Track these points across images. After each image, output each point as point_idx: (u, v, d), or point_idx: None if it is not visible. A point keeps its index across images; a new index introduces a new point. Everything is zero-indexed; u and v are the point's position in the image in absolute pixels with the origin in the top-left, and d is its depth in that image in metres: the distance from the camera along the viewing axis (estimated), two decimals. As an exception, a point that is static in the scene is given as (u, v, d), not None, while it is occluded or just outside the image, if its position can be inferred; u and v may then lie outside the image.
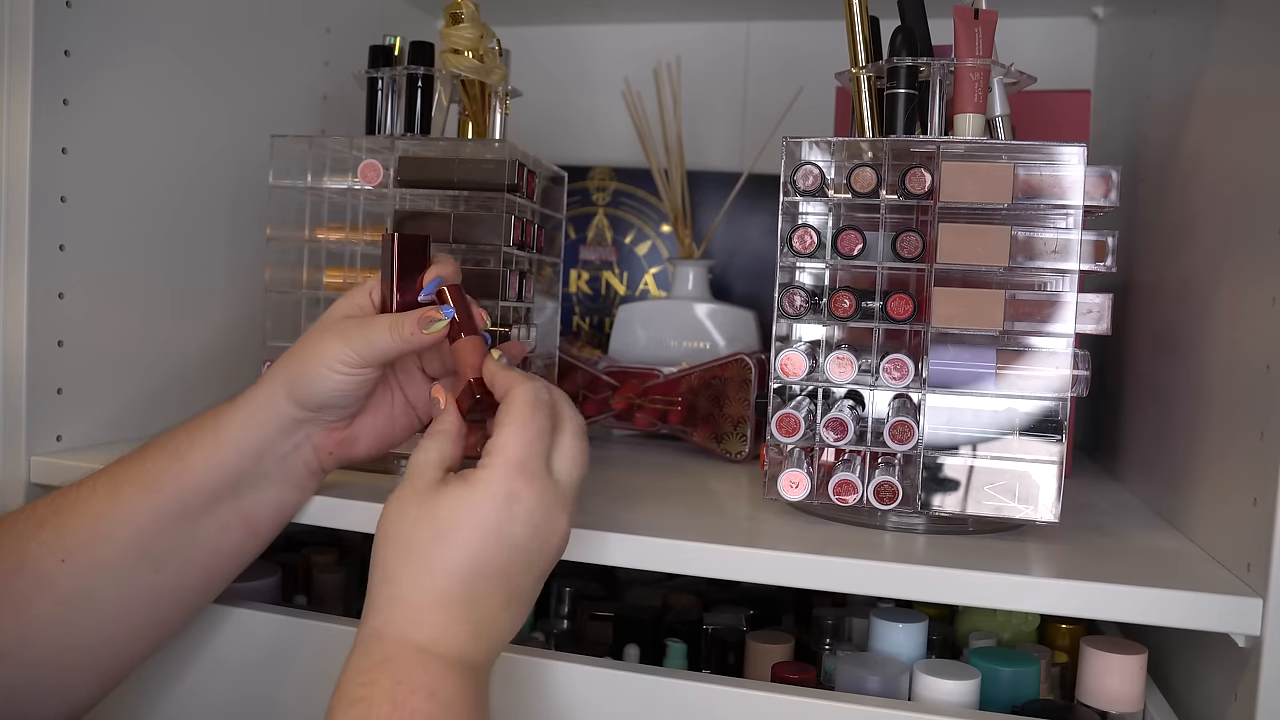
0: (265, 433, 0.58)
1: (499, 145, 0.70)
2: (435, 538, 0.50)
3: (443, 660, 0.49)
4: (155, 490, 0.57)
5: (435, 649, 0.49)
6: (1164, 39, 0.80)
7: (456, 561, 0.49)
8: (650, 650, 0.75)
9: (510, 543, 0.50)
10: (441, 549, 0.49)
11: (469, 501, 0.50)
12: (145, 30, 0.77)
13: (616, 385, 0.88)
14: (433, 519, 0.50)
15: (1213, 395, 0.62)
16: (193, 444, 0.58)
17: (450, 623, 0.49)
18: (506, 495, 0.50)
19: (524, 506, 0.50)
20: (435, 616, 0.49)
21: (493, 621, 0.51)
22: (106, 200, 0.75)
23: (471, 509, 0.50)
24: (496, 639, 0.51)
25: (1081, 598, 0.52)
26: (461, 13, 0.70)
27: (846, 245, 0.60)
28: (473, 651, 0.50)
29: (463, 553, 0.49)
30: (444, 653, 0.49)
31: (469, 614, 0.50)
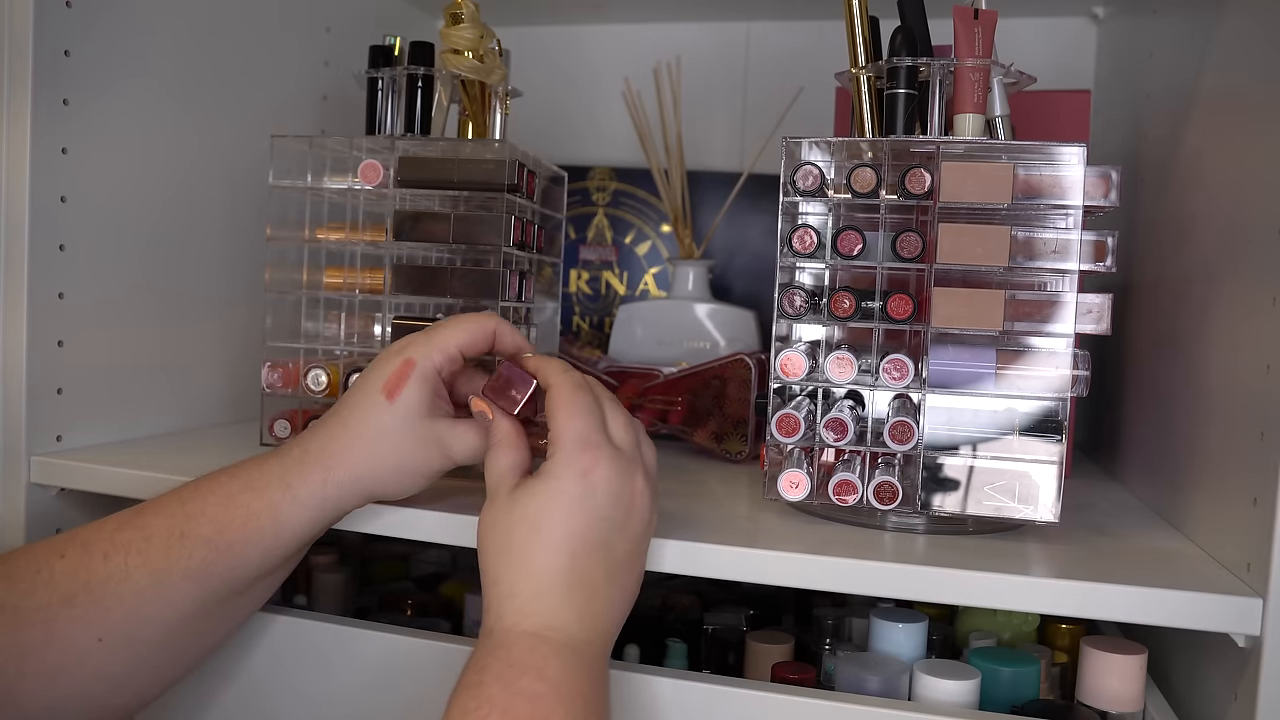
0: (325, 524, 0.57)
1: (499, 145, 0.70)
2: (531, 533, 0.51)
3: (551, 643, 0.49)
4: (205, 580, 0.55)
5: (543, 633, 0.49)
6: (1164, 39, 0.80)
7: (555, 547, 0.50)
8: (650, 650, 0.75)
9: (597, 514, 0.51)
10: (538, 540, 0.51)
11: (550, 489, 0.51)
12: (145, 30, 0.77)
13: (616, 385, 0.88)
14: (524, 518, 0.51)
15: (1213, 395, 0.62)
16: (248, 539, 0.54)
17: (557, 607, 0.50)
18: (580, 472, 0.51)
19: (599, 475, 0.51)
20: (542, 604, 0.50)
21: (596, 597, 0.51)
22: (106, 200, 0.75)
23: (555, 495, 0.51)
24: (604, 615, 0.52)
25: (1081, 598, 0.52)
26: (461, 13, 0.70)
27: (846, 245, 0.60)
28: (580, 631, 0.50)
29: (558, 536, 0.51)
30: (552, 636, 0.49)
31: (573, 595, 0.50)
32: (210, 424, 0.72)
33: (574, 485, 0.51)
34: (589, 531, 0.51)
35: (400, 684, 0.62)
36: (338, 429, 0.56)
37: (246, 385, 0.72)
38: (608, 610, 0.52)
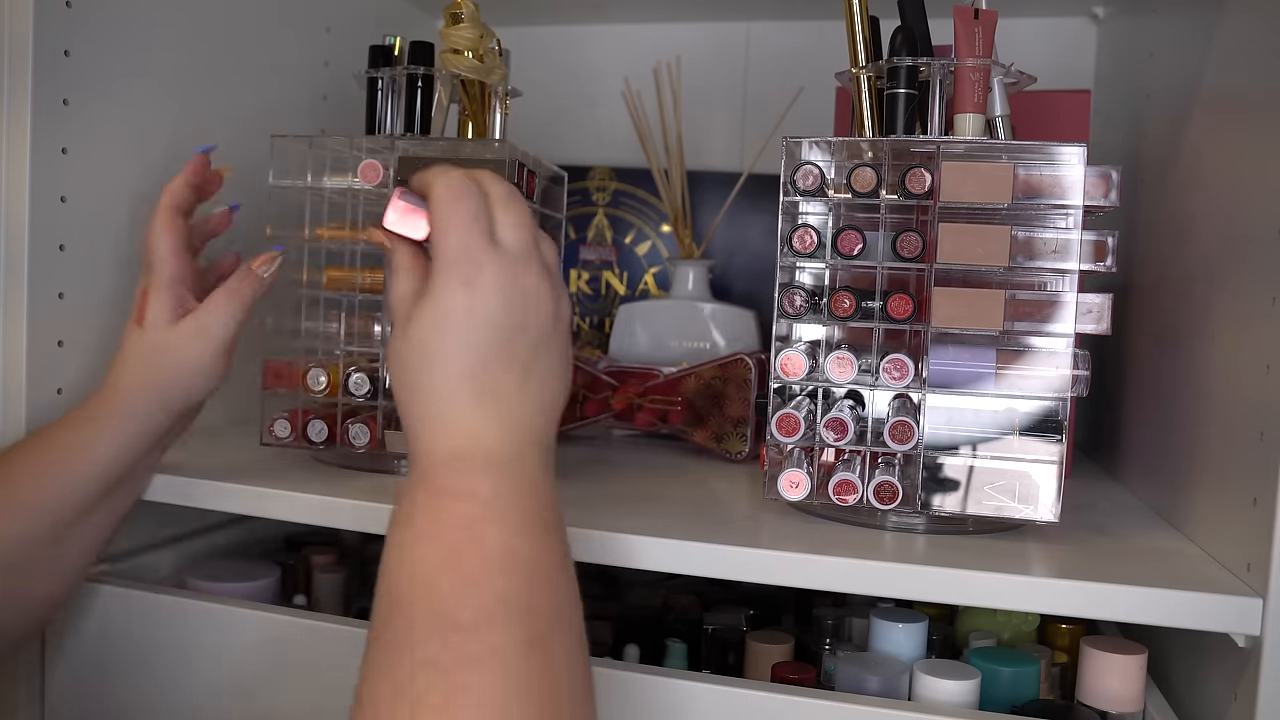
0: (142, 447, 0.64)
1: (499, 145, 0.70)
2: (424, 358, 0.48)
3: (474, 460, 0.47)
4: (25, 516, 0.60)
5: (464, 453, 0.47)
6: (1164, 39, 0.80)
7: (451, 365, 0.48)
8: (650, 650, 0.75)
9: (490, 322, 0.48)
10: (434, 363, 0.48)
11: (435, 309, 0.48)
12: (145, 30, 0.77)
13: (616, 385, 0.88)
14: (419, 343, 0.49)
15: (1213, 395, 0.62)
16: (65, 467, 0.61)
17: (470, 424, 0.48)
18: (462, 284, 0.48)
19: (484, 283, 0.48)
20: (455, 424, 0.48)
21: (511, 405, 0.48)
22: (106, 200, 0.75)
23: (440, 315, 0.48)
24: (526, 421, 0.49)
25: (1081, 598, 0.52)
26: (461, 13, 0.70)
27: (846, 245, 0.60)
28: (503, 443, 0.48)
29: (451, 354, 0.48)
30: (474, 453, 0.47)
31: (484, 408, 0.48)
32: (210, 424, 0.72)
33: (458, 299, 0.48)
34: (484, 342, 0.48)
35: (400, 684, 0.62)
36: (117, 366, 0.65)
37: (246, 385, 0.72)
38: (528, 415, 0.49)
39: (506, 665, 0.41)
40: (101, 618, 0.70)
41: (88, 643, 0.70)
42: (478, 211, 0.50)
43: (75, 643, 0.71)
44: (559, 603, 0.45)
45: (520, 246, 0.50)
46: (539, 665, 0.42)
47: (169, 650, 0.68)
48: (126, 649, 0.69)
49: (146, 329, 0.64)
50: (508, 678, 0.41)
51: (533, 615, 0.43)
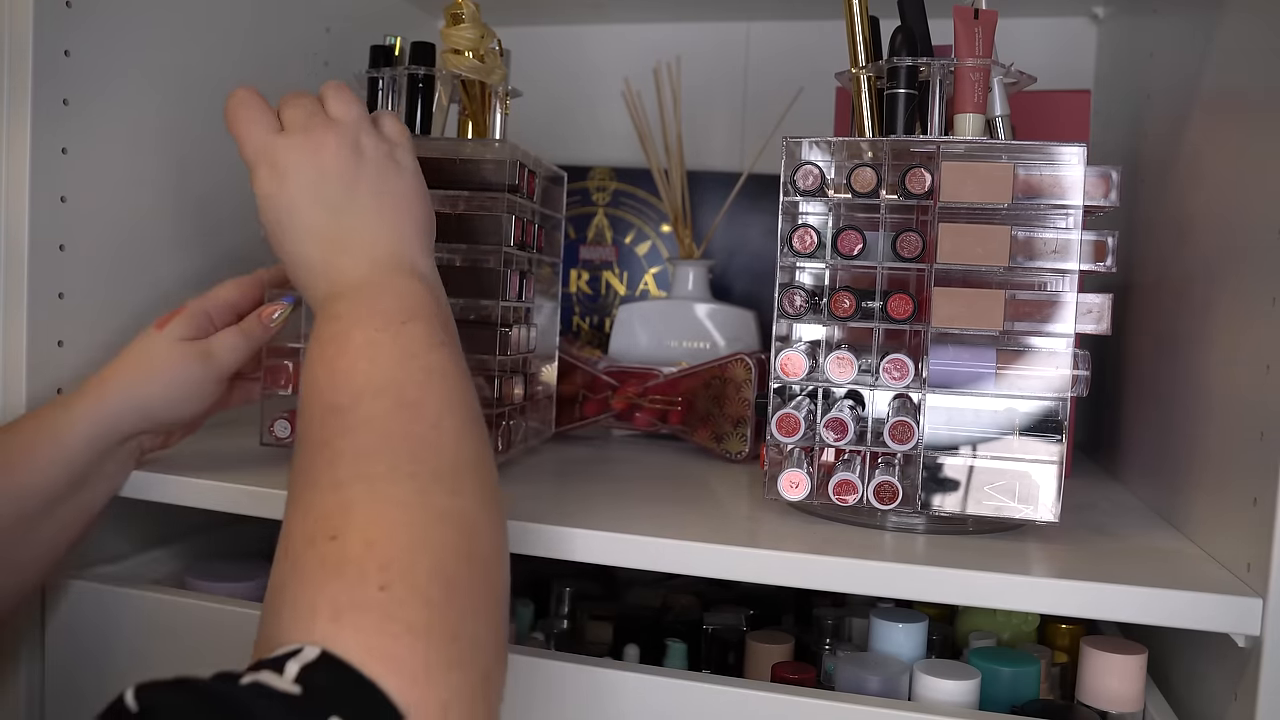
0: (112, 443, 0.64)
1: (500, 145, 0.70)
2: (279, 236, 0.57)
3: (342, 294, 0.53)
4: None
5: (335, 292, 0.54)
6: (1164, 39, 0.80)
7: (299, 237, 0.57)
8: (650, 650, 0.76)
9: (309, 190, 0.57)
10: (287, 239, 0.57)
11: (261, 199, 0.58)
12: (145, 30, 0.77)
13: (616, 385, 0.88)
14: (270, 226, 0.58)
15: (1213, 395, 0.62)
16: (31, 455, 0.61)
17: (330, 269, 0.55)
18: (268, 171, 0.57)
19: (287, 163, 0.57)
20: (321, 276, 0.55)
21: (364, 240, 0.56)
22: (106, 200, 0.75)
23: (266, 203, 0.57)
24: (383, 250, 0.56)
25: (1081, 598, 0.52)
26: (462, 13, 0.70)
27: (846, 245, 0.60)
28: (361, 272, 0.55)
29: (293, 229, 0.57)
30: (341, 288, 0.54)
31: (339, 256, 0.55)
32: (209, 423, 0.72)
33: (269, 185, 0.57)
34: (308, 205, 0.56)
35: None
36: (114, 360, 0.65)
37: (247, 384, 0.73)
38: (366, 243, 0.56)
39: (382, 428, 0.46)
40: (101, 617, 0.70)
41: (87, 642, 0.70)
42: (257, 110, 0.60)
43: (75, 642, 0.71)
44: (427, 371, 0.50)
45: (304, 115, 0.59)
46: (411, 420, 0.47)
47: (169, 650, 0.68)
48: (126, 649, 0.69)
49: (161, 335, 0.65)
50: (379, 437, 0.46)
51: (398, 386, 0.48)
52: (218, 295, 0.69)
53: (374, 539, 0.41)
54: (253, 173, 0.58)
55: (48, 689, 0.72)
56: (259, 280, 0.71)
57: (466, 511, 0.45)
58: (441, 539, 0.43)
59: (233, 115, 0.60)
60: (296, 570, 0.41)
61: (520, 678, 0.60)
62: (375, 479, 0.44)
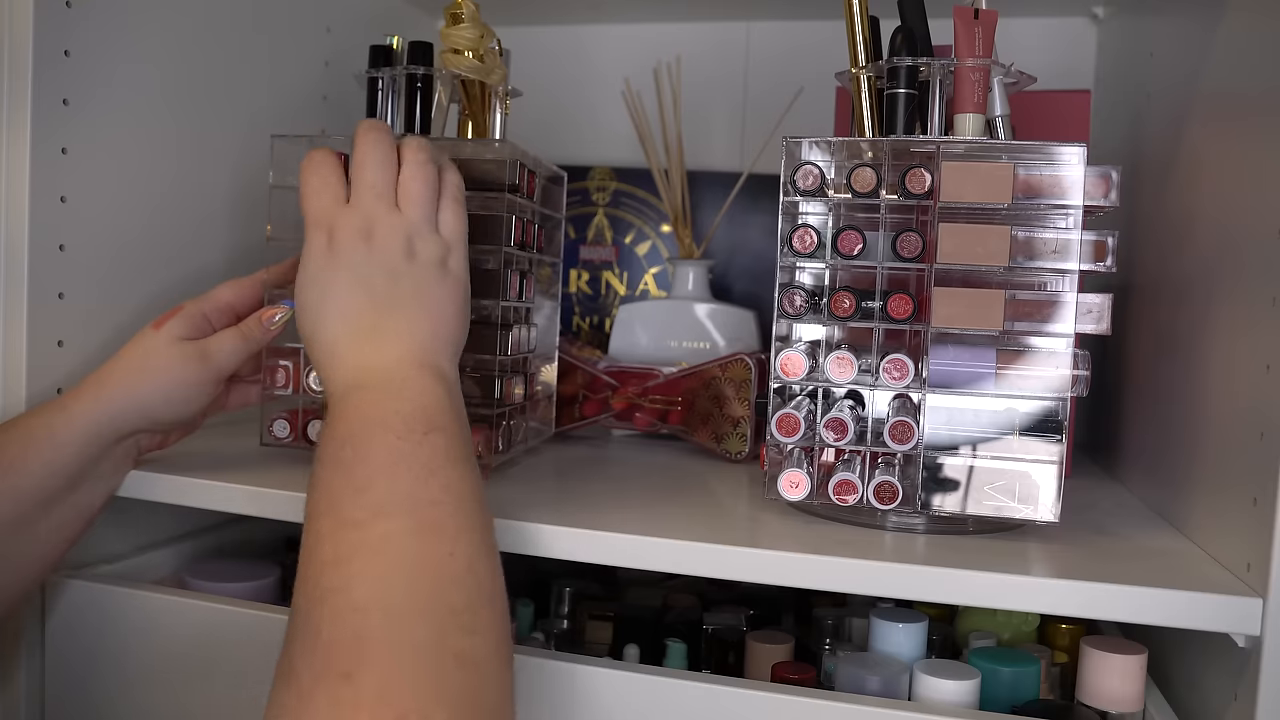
0: (109, 442, 0.64)
1: (500, 145, 0.70)
2: (312, 317, 0.57)
3: (362, 386, 0.53)
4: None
5: (355, 382, 0.53)
6: (1164, 39, 0.80)
7: (329, 319, 0.56)
8: (650, 650, 0.76)
9: (356, 272, 0.57)
10: (318, 320, 0.57)
11: (306, 270, 0.58)
12: (145, 30, 0.77)
13: (616, 385, 0.88)
14: (303, 304, 0.58)
15: (1213, 395, 0.62)
16: (26, 454, 0.61)
17: (355, 358, 0.55)
18: (324, 243, 0.58)
19: (340, 236, 0.57)
20: (344, 362, 0.55)
21: (394, 334, 0.56)
22: (106, 200, 0.75)
23: (307, 272, 0.58)
24: (412, 347, 0.55)
25: (1081, 598, 0.52)
26: (462, 13, 0.70)
27: (846, 245, 0.60)
28: (385, 366, 0.54)
29: (327, 309, 0.56)
30: (362, 380, 0.54)
31: (366, 344, 0.55)
32: (209, 423, 0.72)
33: (317, 259, 0.57)
34: (349, 287, 0.56)
35: (400, 684, 0.62)
36: (111, 360, 0.65)
37: (246, 385, 0.73)
38: (410, 343, 0.55)
39: (399, 552, 0.45)
40: (101, 617, 0.70)
41: (87, 642, 0.70)
42: (329, 181, 0.59)
43: (75, 642, 0.71)
44: (446, 490, 0.49)
45: (371, 199, 0.59)
46: (429, 545, 0.46)
47: (169, 650, 0.68)
48: (126, 648, 0.69)
49: (159, 334, 0.65)
50: (397, 561, 0.45)
51: (418, 506, 0.47)
52: (216, 296, 0.69)
53: (389, 687, 0.40)
54: (308, 236, 0.58)
55: (48, 689, 0.72)
56: (258, 282, 0.71)
57: (481, 655, 0.44)
58: (458, 688, 0.42)
59: (305, 176, 0.60)
60: (305, 707, 0.40)
61: (520, 678, 0.60)
62: (392, 610, 0.43)
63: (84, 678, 0.70)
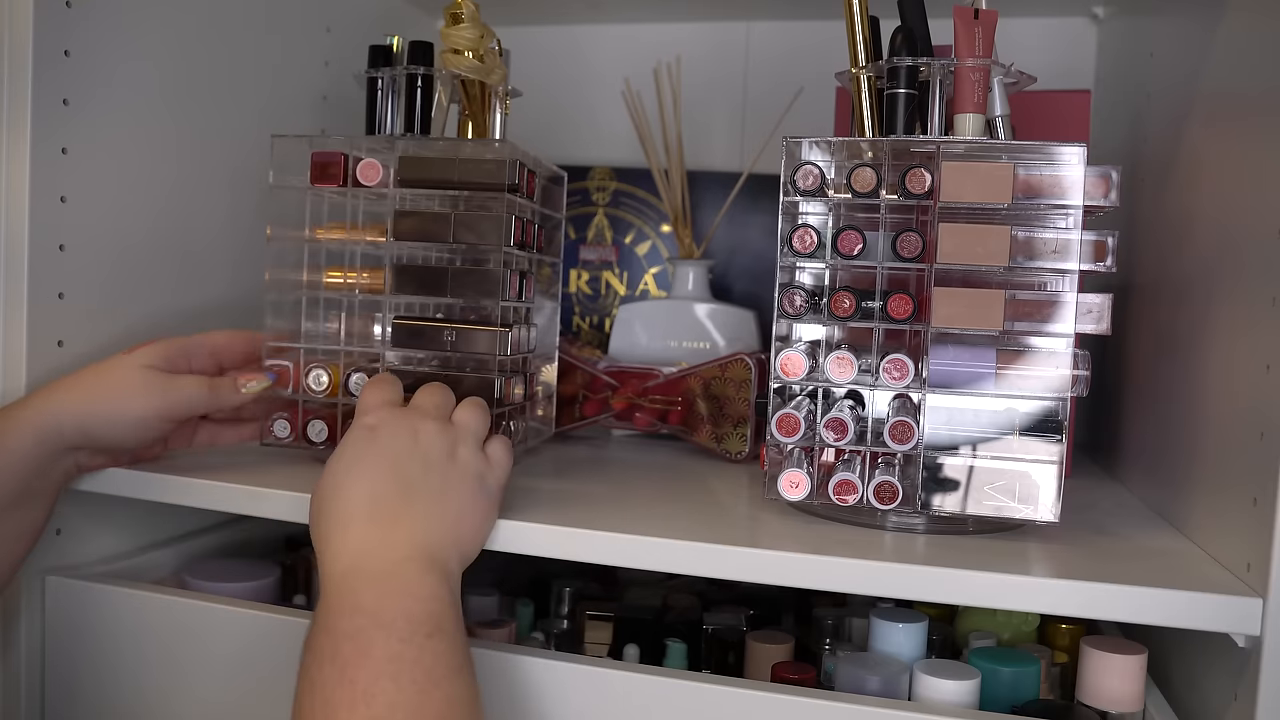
0: (46, 454, 0.63)
1: (500, 145, 0.70)
2: (334, 489, 0.57)
3: (362, 573, 0.52)
4: None
5: (353, 568, 0.52)
6: (1164, 39, 0.80)
7: (353, 488, 0.56)
8: (650, 650, 0.76)
9: (388, 454, 0.57)
10: (341, 488, 0.56)
11: (341, 448, 0.58)
12: (145, 30, 0.77)
13: (616, 385, 0.88)
14: (326, 482, 0.57)
15: (1213, 395, 0.62)
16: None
17: (361, 540, 0.53)
18: (366, 429, 0.58)
19: (382, 428, 0.58)
20: (348, 542, 0.54)
21: (399, 522, 0.54)
22: (106, 200, 0.75)
23: (344, 449, 0.58)
24: (418, 541, 0.54)
25: (1081, 598, 0.52)
26: (462, 13, 0.70)
27: (846, 245, 0.60)
28: (388, 555, 0.53)
29: (354, 478, 0.56)
30: (362, 567, 0.52)
31: (376, 525, 0.54)
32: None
33: (359, 437, 0.57)
34: (381, 469, 0.56)
35: (400, 684, 0.62)
36: (73, 373, 0.65)
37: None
38: (416, 536, 0.54)
39: None
40: (101, 617, 0.70)
41: (87, 642, 0.70)
42: (386, 386, 0.61)
43: (75, 642, 0.71)
44: (449, 702, 0.48)
45: (426, 407, 0.60)
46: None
47: (168, 650, 0.68)
48: (126, 648, 0.69)
49: (126, 358, 0.66)
50: None
51: (422, 716, 0.46)
52: (205, 337, 0.70)
53: None
54: (354, 422, 0.59)
55: (47, 688, 0.72)
56: (252, 338, 0.71)
57: None
58: None
59: (370, 383, 0.62)
60: None
61: (520, 678, 0.60)
62: None
63: (83, 677, 0.70)
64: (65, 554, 0.74)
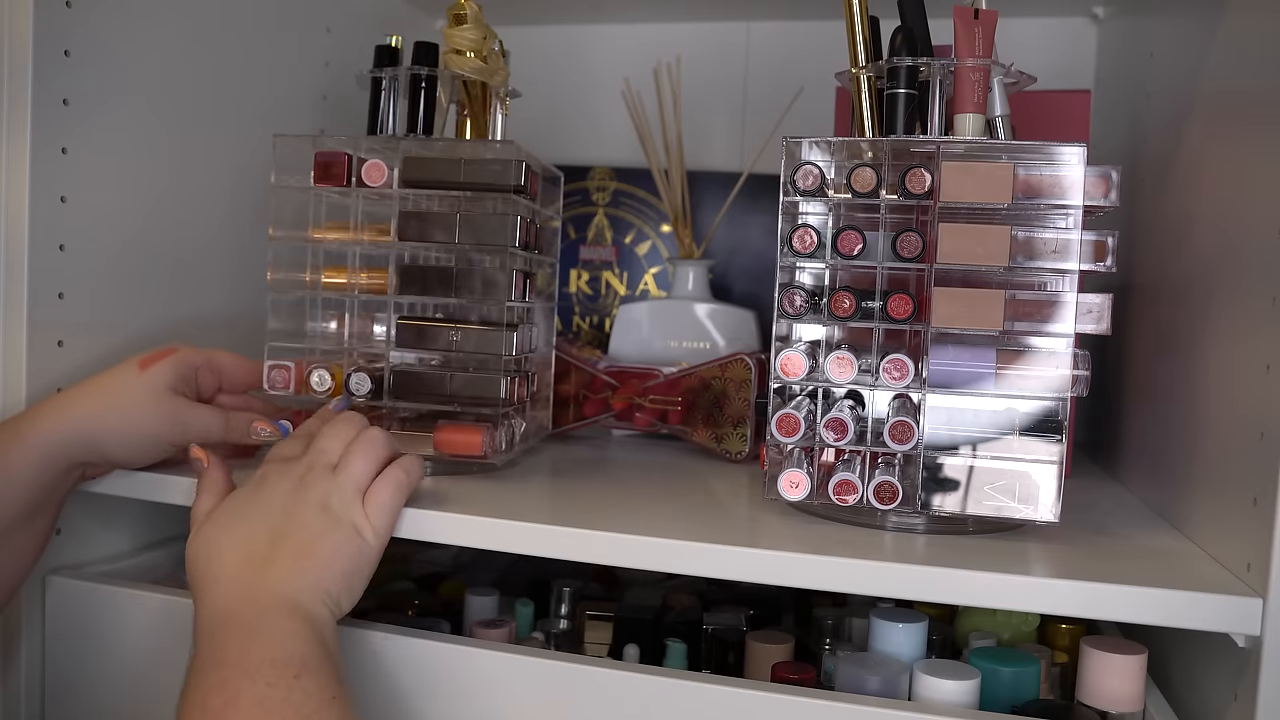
0: (56, 471, 0.63)
1: (504, 146, 0.70)
2: (205, 556, 0.57)
3: (227, 627, 0.53)
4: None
5: (220, 622, 0.53)
6: (1164, 39, 0.80)
7: (218, 558, 0.57)
8: (650, 650, 0.75)
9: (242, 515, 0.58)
10: (208, 559, 0.57)
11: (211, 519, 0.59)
12: (145, 30, 0.77)
13: (616, 385, 0.88)
14: (200, 543, 0.58)
15: (1212, 395, 0.62)
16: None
17: (225, 598, 0.55)
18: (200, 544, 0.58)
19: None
20: (214, 601, 0.55)
21: (264, 573, 0.55)
22: (106, 200, 0.75)
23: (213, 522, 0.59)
24: (283, 592, 0.55)
25: (1081, 598, 0.52)
26: (465, 14, 0.70)
27: (846, 245, 0.60)
28: (252, 610, 0.54)
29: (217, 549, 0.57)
30: (228, 622, 0.53)
31: (238, 587, 0.55)
32: (210, 424, 0.72)
33: (243, 492, 0.59)
34: (254, 523, 0.57)
35: (400, 683, 0.62)
36: (81, 386, 0.65)
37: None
38: (280, 579, 0.55)
39: None
40: (101, 617, 0.70)
41: (88, 641, 0.70)
42: (297, 441, 0.62)
43: (75, 642, 0.71)
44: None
45: (319, 454, 0.60)
46: None
47: (168, 650, 0.68)
48: (126, 648, 0.69)
49: (143, 376, 0.65)
50: None
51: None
52: (214, 357, 0.70)
53: None
54: (259, 468, 0.60)
55: (47, 688, 0.72)
56: (256, 368, 0.71)
57: None
58: None
59: (328, 425, 0.62)
60: None
61: (520, 678, 0.60)
62: None
63: (84, 677, 0.70)
64: (66, 554, 0.74)
